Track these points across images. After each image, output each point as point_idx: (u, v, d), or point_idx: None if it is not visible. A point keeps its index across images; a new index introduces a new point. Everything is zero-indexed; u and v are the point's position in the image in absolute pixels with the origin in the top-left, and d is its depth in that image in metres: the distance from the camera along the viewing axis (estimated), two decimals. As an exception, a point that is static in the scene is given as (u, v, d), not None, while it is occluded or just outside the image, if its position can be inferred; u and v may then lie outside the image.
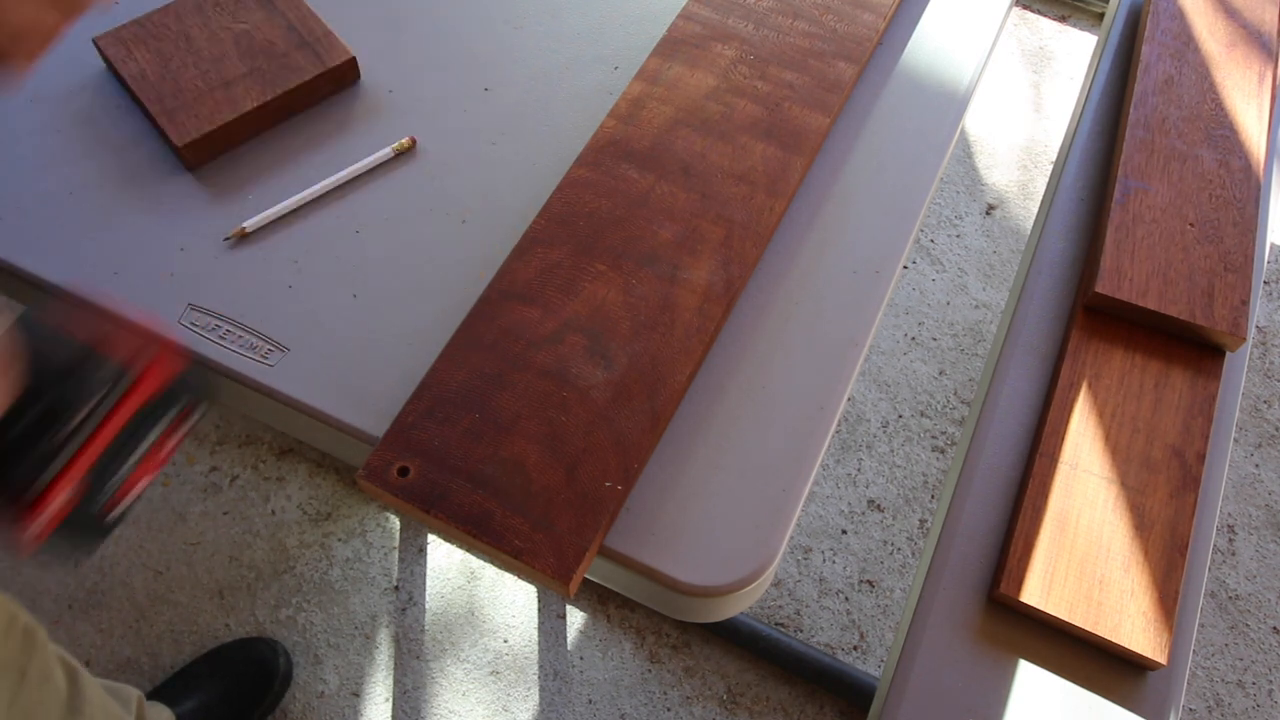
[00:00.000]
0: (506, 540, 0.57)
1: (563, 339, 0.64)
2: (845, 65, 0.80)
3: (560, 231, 0.70)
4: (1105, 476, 0.67)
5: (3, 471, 0.48)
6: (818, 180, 0.77)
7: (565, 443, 0.60)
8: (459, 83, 0.81)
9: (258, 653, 1.26)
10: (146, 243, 0.71)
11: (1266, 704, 1.32)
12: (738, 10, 0.83)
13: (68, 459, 0.50)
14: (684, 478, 0.62)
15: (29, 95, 0.78)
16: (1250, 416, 1.57)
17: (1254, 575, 1.42)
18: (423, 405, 0.62)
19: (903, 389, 1.56)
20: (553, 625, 1.33)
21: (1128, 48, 0.94)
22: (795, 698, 1.29)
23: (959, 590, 0.65)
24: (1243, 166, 0.81)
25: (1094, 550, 0.64)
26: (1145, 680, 0.62)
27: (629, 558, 0.59)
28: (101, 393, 0.51)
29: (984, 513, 0.68)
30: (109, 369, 0.52)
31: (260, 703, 1.23)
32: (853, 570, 1.39)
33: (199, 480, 1.42)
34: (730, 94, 0.77)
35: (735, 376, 0.67)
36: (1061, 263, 0.80)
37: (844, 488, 1.46)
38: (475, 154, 0.77)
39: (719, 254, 0.69)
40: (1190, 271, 0.75)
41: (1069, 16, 2.05)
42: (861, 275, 0.72)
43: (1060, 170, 0.87)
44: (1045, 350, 0.76)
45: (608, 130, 0.75)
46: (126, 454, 0.53)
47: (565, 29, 0.85)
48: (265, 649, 1.26)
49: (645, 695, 1.29)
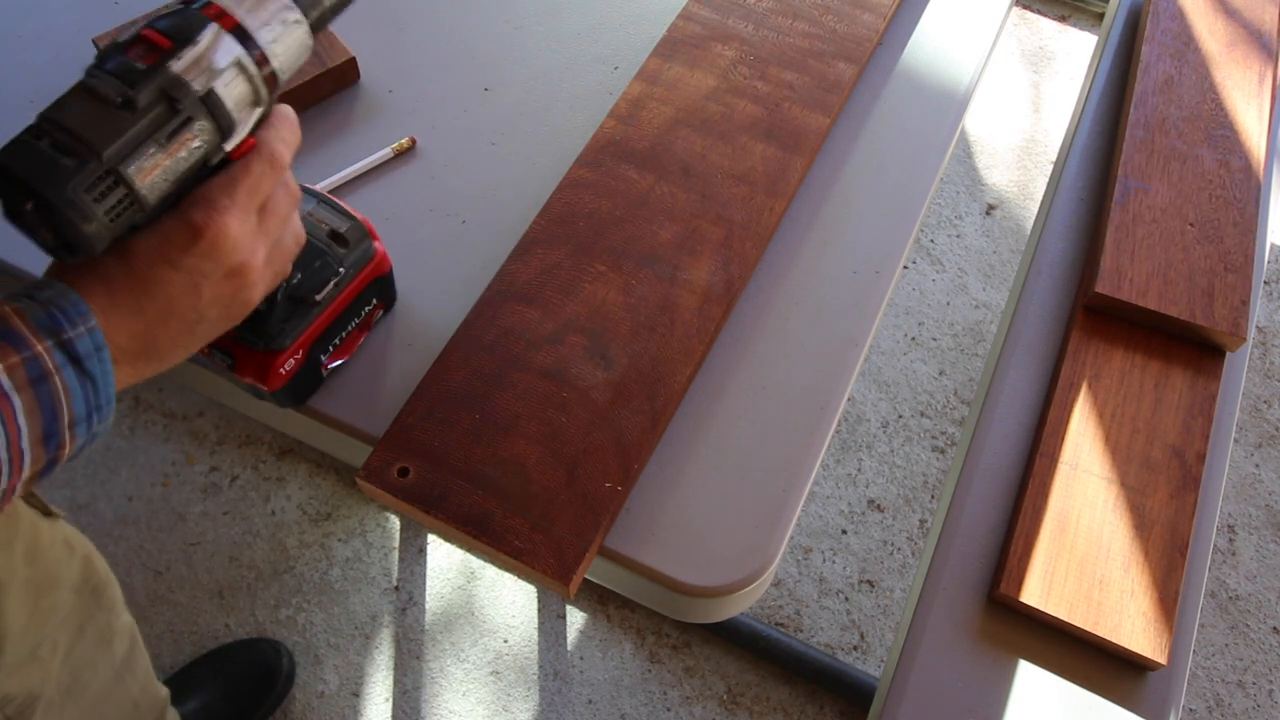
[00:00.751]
0: (506, 541, 0.57)
1: (563, 339, 0.64)
2: (845, 66, 0.80)
3: (560, 232, 0.69)
4: (1105, 476, 0.67)
5: (263, 323, 0.57)
6: (818, 180, 0.77)
7: (565, 443, 0.60)
8: (459, 83, 0.81)
9: (261, 653, 1.26)
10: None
11: (1266, 704, 1.32)
12: (738, 10, 0.83)
13: (309, 323, 0.60)
14: (684, 478, 0.62)
15: (28, 96, 0.78)
16: (1250, 416, 1.57)
17: (1254, 575, 1.42)
18: (423, 406, 0.62)
19: (903, 389, 1.56)
20: (553, 625, 1.33)
21: (1128, 48, 0.94)
22: (795, 698, 1.29)
23: (959, 590, 0.65)
24: (1243, 166, 0.81)
25: (1094, 550, 0.64)
26: (1145, 680, 0.62)
27: (629, 558, 0.59)
28: (338, 277, 0.60)
29: (984, 513, 0.68)
30: (345, 257, 0.61)
31: (263, 703, 1.23)
32: (853, 570, 1.39)
33: (199, 480, 1.42)
34: (730, 94, 0.77)
35: (735, 376, 0.67)
36: (1061, 263, 0.80)
37: (844, 488, 1.46)
38: (475, 154, 0.77)
39: (719, 254, 0.69)
40: (1190, 271, 0.75)
41: (1069, 16, 2.05)
42: (861, 275, 0.72)
43: (1060, 170, 0.87)
44: (1045, 350, 0.76)
45: (607, 130, 0.75)
46: (336, 332, 0.63)
47: (565, 29, 0.85)
48: (268, 649, 1.26)
49: (645, 695, 1.29)
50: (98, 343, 0.42)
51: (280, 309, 0.58)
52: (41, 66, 0.80)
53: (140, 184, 0.43)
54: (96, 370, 0.42)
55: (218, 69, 0.45)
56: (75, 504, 1.39)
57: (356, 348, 0.67)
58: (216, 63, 0.45)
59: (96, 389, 0.42)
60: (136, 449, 1.44)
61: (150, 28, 0.44)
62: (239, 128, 0.47)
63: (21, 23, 0.82)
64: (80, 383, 0.41)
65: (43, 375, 0.40)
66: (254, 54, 0.46)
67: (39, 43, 0.81)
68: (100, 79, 0.43)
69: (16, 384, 0.39)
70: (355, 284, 0.62)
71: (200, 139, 0.46)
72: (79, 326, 0.41)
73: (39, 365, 0.39)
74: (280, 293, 0.58)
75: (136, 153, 0.43)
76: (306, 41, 0.49)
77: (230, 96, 0.46)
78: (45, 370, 0.40)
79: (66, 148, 0.42)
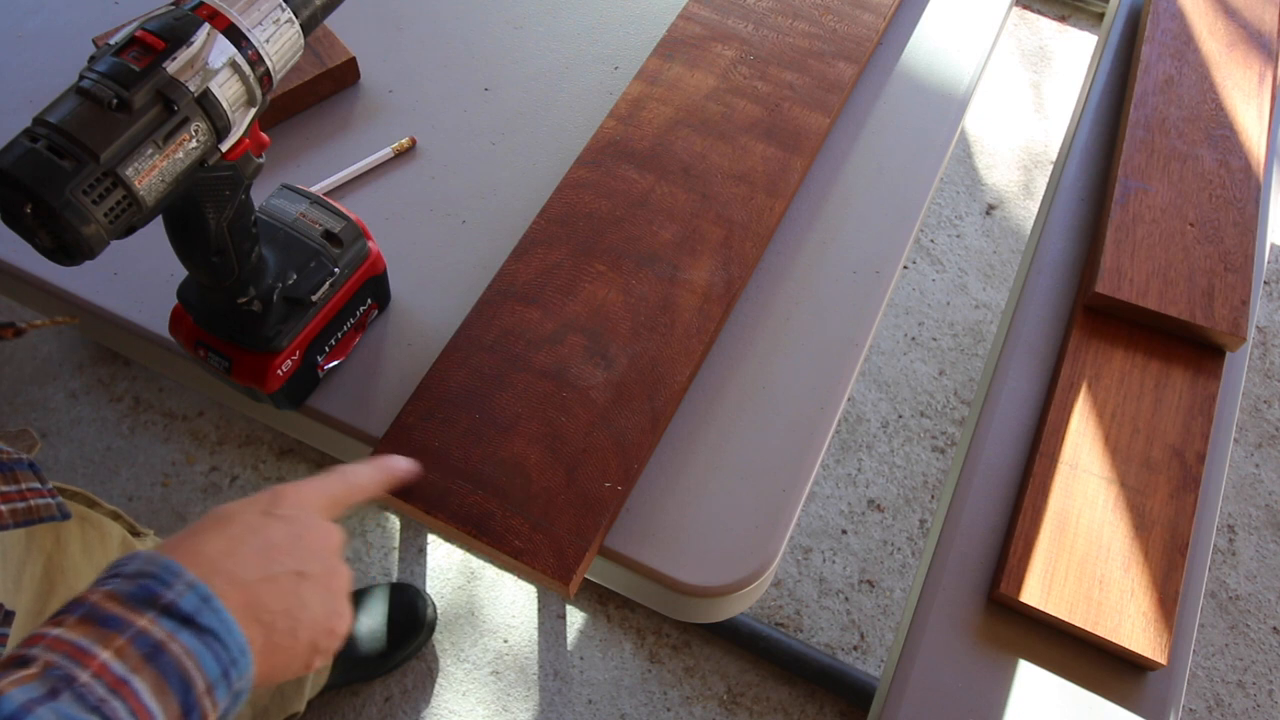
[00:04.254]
0: (507, 541, 0.57)
1: (563, 339, 0.64)
2: (845, 65, 0.80)
3: (560, 232, 0.69)
4: (1105, 476, 0.67)
5: (260, 325, 0.58)
6: (818, 180, 0.77)
7: (565, 443, 0.60)
8: (459, 83, 0.81)
9: (407, 597, 1.30)
10: (146, 242, 0.71)
11: (1266, 704, 1.32)
12: (737, 10, 0.83)
13: (306, 324, 0.60)
14: (684, 478, 0.62)
15: (27, 97, 0.78)
16: (1250, 416, 1.57)
17: (1254, 575, 1.42)
18: (423, 406, 0.62)
19: (903, 389, 1.56)
20: (553, 625, 1.33)
21: (1128, 48, 0.94)
22: (795, 698, 1.29)
23: (959, 590, 0.65)
24: (1243, 166, 0.81)
25: (1094, 550, 0.64)
26: (1145, 680, 0.62)
27: (629, 558, 0.59)
28: (334, 277, 0.61)
29: (984, 513, 0.68)
30: (340, 257, 0.61)
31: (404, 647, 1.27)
32: (853, 570, 1.39)
33: (199, 480, 1.42)
34: (730, 94, 0.77)
35: (735, 377, 0.67)
36: (1062, 263, 0.80)
37: (844, 488, 1.46)
38: (475, 154, 0.77)
39: (719, 254, 0.69)
40: (1190, 271, 0.75)
41: (1069, 16, 2.05)
42: (861, 275, 0.72)
43: (1060, 170, 0.87)
44: (1045, 350, 0.76)
45: (608, 130, 0.75)
46: (332, 333, 0.63)
47: (565, 29, 0.85)
48: (414, 595, 1.30)
49: (645, 695, 1.29)
50: (203, 594, 0.38)
51: (276, 310, 0.58)
52: (41, 66, 0.80)
53: (139, 186, 0.43)
54: (213, 623, 0.38)
55: (212, 69, 0.45)
56: (75, 504, 1.39)
57: (352, 348, 0.66)
58: (211, 63, 0.45)
59: (222, 642, 0.38)
60: (136, 449, 1.44)
61: (144, 29, 0.44)
62: (234, 128, 0.47)
63: (21, 23, 0.82)
64: (201, 641, 0.37)
65: (156, 647, 0.36)
66: (248, 54, 0.46)
67: (39, 42, 0.81)
68: (95, 81, 0.43)
69: (131, 665, 0.35)
70: (350, 284, 0.62)
71: (197, 140, 0.46)
72: (176, 585, 0.38)
73: (148, 639, 0.36)
74: (276, 294, 0.58)
75: (134, 154, 0.43)
76: (299, 41, 0.49)
77: (225, 96, 0.46)
78: (157, 641, 0.36)
79: (64, 150, 0.42)
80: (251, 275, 0.57)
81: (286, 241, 0.61)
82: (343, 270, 0.61)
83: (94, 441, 1.44)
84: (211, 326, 0.59)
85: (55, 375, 1.50)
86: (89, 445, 1.44)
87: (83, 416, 1.47)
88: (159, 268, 0.70)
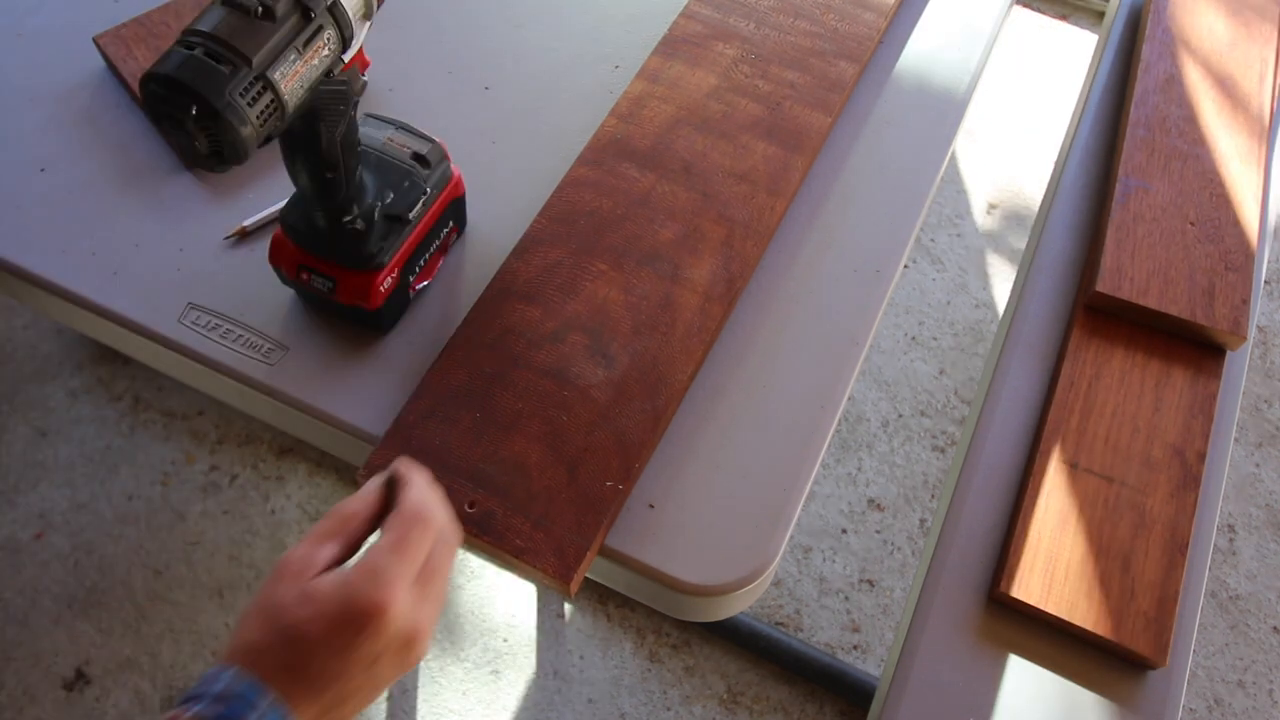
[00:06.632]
0: (507, 540, 0.57)
1: (564, 338, 0.64)
2: (846, 64, 0.80)
3: (561, 231, 0.69)
4: (1105, 476, 0.67)
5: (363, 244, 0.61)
6: (818, 180, 0.77)
7: (566, 442, 0.60)
8: (459, 82, 0.81)
9: None
10: (147, 241, 0.71)
11: (1266, 704, 1.32)
12: (739, 9, 0.83)
13: (404, 241, 0.63)
14: (685, 477, 0.62)
15: (29, 95, 0.78)
16: (1251, 416, 1.57)
17: (1254, 575, 1.42)
18: (423, 404, 0.62)
19: (903, 388, 1.56)
20: (553, 625, 1.33)
21: (1128, 47, 0.94)
22: (795, 697, 1.29)
23: (959, 590, 0.65)
24: (1243, 166, 0.81)
25: (1094, 550, 0.64)
26: (1145, 680, 0.62)
27: (630, 557, 0.59)
28: (425, 195, 0.64)
29: (984, 512, 0.68)
30: (429, 177, 0.64)
31: None
32: (853, 570, 1.39)
33: (199, 479, 1.42)
34: (731, 93, 0.77)
35: (736, 376, 0.67)
36: (1062, 262, 0.80)
37: (844, 487, 1.46)
38: (475, 154, 0.77)
39: (720, 253, 0.69)
40: (1191, 271, 0.75)
41: (1069, 15, 2.05)
42: (862, 274, 0.72)
43: (1060, 169, 0.87)
44: (1045, 350, 0.76)
45: (609, 129, 0.75)
46: (422, 253, 0.66)
47: (565, 28, 0.85)
48: None
49: (645, 694, 1.29)
50: (283, 714, 0.40)
51: (378, 228, 0.61)
52: (42, 65, 0.80)
53: (284, 90, 0.47)
54: None
55: None
56: (75, 503, 1.39)
57: (436, 270, 0.69)
58: None
59: None
60: (136, 448, 1.44)
61: None
62: (355, 39, 0.51)
63: (21, 22, 0.82)
64: None
65: None
66: None
67: (39, 42, 0.81)
68: None
69: None
70: (439, 204, 0.66)
71: (329, 48, 0.49)
72: (259, 706, 0.39)
73: None
74: (376, 213, 0.61)
75: (280, 59, 0.46)
76: None
77: (350, 6, 0.50)
78: None
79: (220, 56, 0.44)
80: (356, 194, 0.60)
81: (379, 164, 0.64)
82: (432, 190, 0.64)
83: (93, 440, 1.44)
84: (315, 248, 0.62)
85: (55, 374, 1.50)
86: (89, 444, 1.44)
87: (82, 415, 1.47)
88: (159, 267, 0.70)
